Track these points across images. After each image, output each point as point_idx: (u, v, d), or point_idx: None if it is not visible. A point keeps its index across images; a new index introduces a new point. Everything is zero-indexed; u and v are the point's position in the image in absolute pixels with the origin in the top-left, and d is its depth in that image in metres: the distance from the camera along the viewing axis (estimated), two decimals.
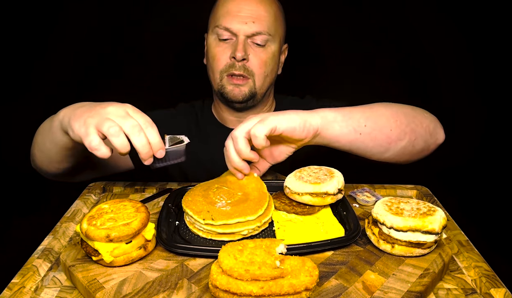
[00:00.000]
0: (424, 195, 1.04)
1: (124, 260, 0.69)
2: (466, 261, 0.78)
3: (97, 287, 0.65)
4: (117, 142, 0.76)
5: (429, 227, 0.69)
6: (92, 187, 1.08)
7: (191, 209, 0.79)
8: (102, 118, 0.76)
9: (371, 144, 0.93)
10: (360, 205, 0.95)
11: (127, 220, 0.70)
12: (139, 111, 0.81)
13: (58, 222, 0.91)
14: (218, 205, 0.80)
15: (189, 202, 0.82)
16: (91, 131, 0.76)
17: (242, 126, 0.83)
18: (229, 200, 0.81)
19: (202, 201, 0.81)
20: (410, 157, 1.00)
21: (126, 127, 0.76)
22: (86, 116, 0.78)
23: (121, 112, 0.79)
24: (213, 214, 0.77)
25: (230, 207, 0.79)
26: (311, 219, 0.83)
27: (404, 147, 0.96)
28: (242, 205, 0.80)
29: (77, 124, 0.78)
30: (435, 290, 0.70)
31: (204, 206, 0.79)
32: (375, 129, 0.92)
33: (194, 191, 0.86)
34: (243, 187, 0.87)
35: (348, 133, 0.90)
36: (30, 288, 0.70)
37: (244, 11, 1.11)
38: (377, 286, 0.65)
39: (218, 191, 0.84)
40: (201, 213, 0.77)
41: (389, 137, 0.93)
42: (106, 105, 0.80)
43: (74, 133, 0.79)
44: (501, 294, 0.69)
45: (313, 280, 0.60)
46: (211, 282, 0.61)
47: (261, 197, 0.83)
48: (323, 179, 0.84)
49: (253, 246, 0.65)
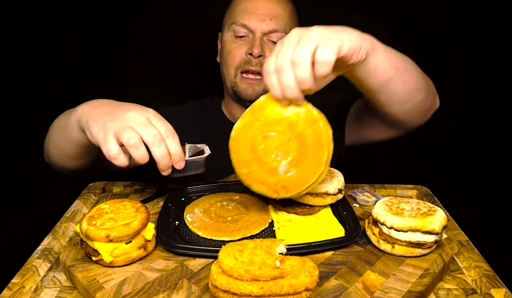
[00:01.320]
0: (424, 195, 1.04)
1: (124, 260, 0.69)
2: (467, 261, 0.78)
3: (97, 287, 0.65)
4: (136, 154, 0.72)
5: (429, 227, 0.69)
6: (92, 187, 1.08)
7: (259, 188, 0.72)
8: (122, 125, 0.72)
9: (400, 88, 0.86)
10: (360, 205, 0.95)
11: (127, 220, 0.70)
12: (161, 118, 0.76)
13: (58, 222, 0.91)
14: (280, 170, 0.69)
15: (248, 176, 0.72)
16: (110, 138, 0.72)
17: (303, 47, 0.65)
18: (287, 156, 0.69)
19: (260, 170, 0.71)
20: (418, 115, 0.97)
21: (147, 137, 0.72)
22: (105, 120, 0.74)
23: (142, 119, 0.74)
24: (285, 185, 0.69)
25: (294, 169, 0.68)
26: (311, 219, 0.83)
27: (420, 101, 0.92)
28: (305, 160, 0.69)
29: (96, 127, 0.74)
30: (435, 290, 0.70)
31: (268, 178, 0.70)
32: (406, 71, 0.86)
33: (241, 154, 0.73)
34: (290, 121, 0.70)
35: (387, 67, 0.81)
36: (30, 288, 0.70)
37: (261, 9, 1.13)
38: (377, 286, 0.65)
39: (267, 144, 0.71)
40: (270, 188, 0.70)
41: (414, 85, 0.88)
42: (127, 108, 0.76)
43: (92, 136, 0.76)
44: (502, 294, 0.69)
45: (313, 280, 0.60)
46: (211, 282, 0.61)
47: (318, 134, 0.68)
48: (323, 179, 0.84)
49: (253, 246, 0.65)
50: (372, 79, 0.82)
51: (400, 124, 1.00)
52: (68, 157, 0.95)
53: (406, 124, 1.00)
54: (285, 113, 0.70)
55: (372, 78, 0.82)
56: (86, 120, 0.78)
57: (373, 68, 0.79)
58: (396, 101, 0.90)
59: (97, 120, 0.75)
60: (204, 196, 0.92)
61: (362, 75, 0.81)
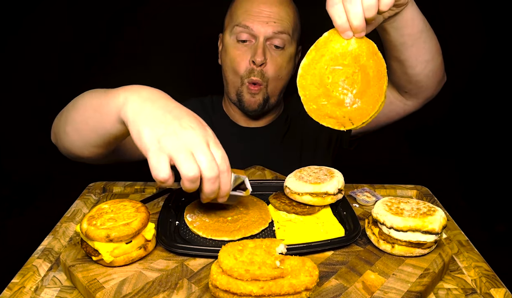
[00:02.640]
0: (424, 195, 1.04)
1: (124, 260, 0.69)
2: (466, 261, 0.78)
3: (97, 287, 0.65)
4: (189, 187, 0.66)
5: (429, 227, 0.69)
6: (92, 187, 1.08)
7: (327, 122, 0.74)
8: (180, 149, 0.64)
9: (427, 44, 0.94)
10: (360, 205, 0.95)
11: (127, 220, 0.70)
12: (219, 144, 0.69)
13: (58, 222, 0.91)
14: (347, 102, 0.72)
15: (317, 111, 0.74)
16: (163, 159, 0.63)
17: None
18: (353, 88, 0.72)
19: (329, 105, 0.74)
20: (434, 82, 1.04)
21: (205, 170, 0.65)
22: (161, 132, 0.65)
23: (203, 142, 0.66)
24: (351, 117, 0.72)
25: (360, 99, 0.72)
26: (311, 219, 0.83)
27: (439, 64, 1.00)
28: (368, 90, 0.72)
29: (148, 137, 0.65)
30: (435, 290, 0.70)
31: (336, 112, 0.73)
32: (431, 29, 0.95)
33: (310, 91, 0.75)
34: (354, 55, 0.73)
35: (421, 19, 0.90)
36: (30, 288, 0.70)
37: (264, 12, 1.11)
38: (377, 286, 0.65)
39: (334, 78, 0.73)
40: (338, 121, 0.73)
41: (436, 45, 0.97)
42: (186, 124, 0.67)
43: (140, 142, 0.66)
44: (501, 294, 0.69)
45: (313, 280, 0.60)
46: (211, 282, 0.61)
47: (378, 65, 0.72)
48: (323, 179, 0.84)
49: (253, 246, 0.65)
50: (407, 30, 0.89)
51: (419, 90, 1.05)
52: (90, 143, 0.84)
53: (424, 91, 1.06)
54: (350, 47, 0.74)
55: (408, 29, 0.89)
56: (134, 115, 0.68)
57: (411, 18, 0.87)
58: (422, 59, 0.96)
59: (151, 126, 0.66)
60: None
61: (400, 24, 0.88)
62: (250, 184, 0.78)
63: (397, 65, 1.00)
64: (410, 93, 1.07)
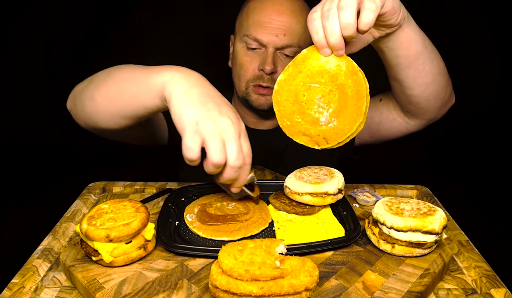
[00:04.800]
0: (424, 195, 1.04)
1: (124, 260, 0.69)
2: (467, 261, 0.78)
3: (97, 287, 0.65)
4: (211, 170, 0.69)
5: (429, 227, 0.69)
6: (92, 187, 1.08)
7: (301, 140, 0.74)
8: (215, 134, 0.68)
9: (427, 66, 0.89)
10: (360, 205, 0.95)
11: (127, 220, 0.70)
12: (247, 139, 0.73)
13: (58, 222, 0.91)
14: (322, 121, 0.71)
15: (290, 128, 0.74)
16: (196, 140, 0.67)
17: None
18: (329, 107, 0.71)
19: (303, 122, 0.73)
20: (437, 105, 0.99)
21: (231, 159, 0.69)
22: (200, 115, 0.68)
23: (235, 134, 0.70)
24: (326, 136, 0.71)
25: (336, 119, 0.71)
26: (311, 219, 0.83)
27: (441, 87, 0.95)
28: (345, 110, 0.71)
29: (188, 118, 0.68)
30: (435, 290, 0.70)
31: (310, 130, 0.72)
32: (433, 51, 0.90)
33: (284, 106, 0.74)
34: (332, 73, 0.72)
35: (419, 41, 0.85)
36: (30, 288, 0.70)
37: (275, 23, 1.08)
38: (377, 286, 0.65)
39: (310, 96, 0.73)
40: (312, 139, 0.72)
41: (438, 68, 0.92)
42: (224, 111, 0.70)
43: (179, 121, 0.69)
44: (501, 294, 0.69)
45: (313, 280, 0.60)
46: (211, 282, 0.61)
47: (357, 85, 0.71)
48: (323, 179, 0.84)
49: (253, 246, 0.65)
50: (403, 51, 0.85)
51: (420, 111, 1.01)
52: (118, 114, 0.83)
53: (425, 113, 1.01)
54: (327, 65, 0.73)
55: (404, 50, 0.85)
56: (178, 97, 0.71)
57: (406, 39, 0.82)
58: (421, 81, 0.92)
59: (193, 109, 0.69)
60: (204, 196, 0.92)
61: (395, 45, 0.84)
62: None
63: (395, 84, 0.97)
64: (411, 113, 1.03)
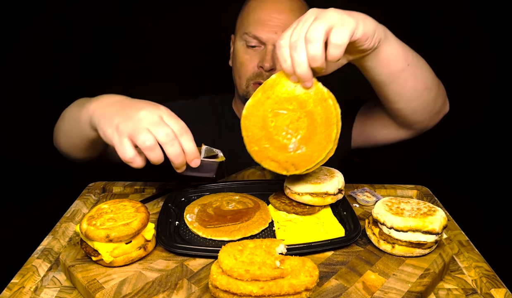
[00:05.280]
0: (425, 195, 1.04)
1: (123, 260, 0.69)
2: (467, 261, 0.78)
3: (96, 287, 0.65)
4: (152, 156, 0.72)
5: (430, 227, 0.69)
6: (92, 187, 1.08)
7: (268, 165, 0.73)
8: (136, 127, 0.71)
9: (410, 83, 0.86)
10: (360, 205, 0.95)
11: (126, 220, 0.70)
12: (174, 116, 0.76)
13: (58, 222, 0.91)
14: (290, 147, 0.71)
15: (258, 153, 0.74)
16: (125, 142, 0.71)
17: (317, 25, 0.66)
18: (297, 134, 0.71)
19: (271, 148, 0.73)
20: (427, 116, 0.97)
21: (160, 136, 0.72)
22: (117, 121, 0.73)
23: (155, 117, 0.73)
24: (294, 162, 0.70)
25: (304, 146, 0.70)
26: (311, 219, 0.83)
27: (429, 100, 0.92)
28: (314, 137, 0.71)
29: (109, 129, 0.74)
30: (435, 290, 0.70)
31: (278, 156, 0.72)
32: (417, 68, 0.86)
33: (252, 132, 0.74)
34: (300, 100, 0.72)
35: (399, 59, 0.81)
36: (29, 288, 0.70)
37: (274, 20, 1.09)
38: (378, 286, 0.65)
39: (278, 122, 0.72)
40: (280, 165, 0.71)
41: (424, 83, 0.88)
42: (139, 107, 0.75)
43: (106, 137, 0.75)
44: (502, 294, 0.69)
45: (313, 280, 0.60)
46: (211, 282, 0.61)
47: (327, 113, 0.70)
48: (323, 179, 0.84)
49: (253, 246, 0.65)
50: (383, 69, 0.82)
51: (408, 123, 1.00)
52: (78, 148, 0.96)
53: (414, 124, 1.00)
54: (296, 91, 0.72)
55: (383, 68, 0.82)
56: (98, 120, 0.77)
57: (385, 58, 0.80)
58: (405, 97, 0.89)
59: (110, 121, 0.74)
60: (204, 196, 0.92)
61: (373, 64, 0.81)
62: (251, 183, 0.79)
63: (380, 98, 0.95)
64: (400, 124, 1.02)
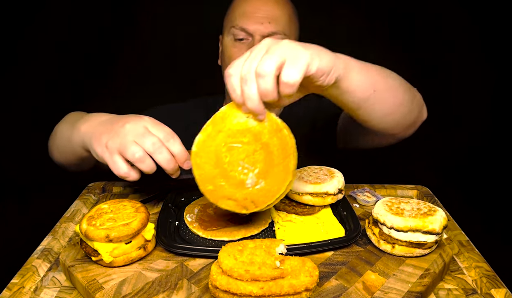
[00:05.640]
0: (425, 195, 1.04)
1: (123, 260, 0.69)
2: (467, 262, 0.78)
3: (96, 288, 0.65)
4: (144, 167, 0.75)
5: (430, 227, 0.69)
6: (92, 187, 1.08)
7: (226, 205, 0.68)
8: (123, 142, 0.74)
9: (379, 106, 0.84)
10: (361, 205, 0.95)
11: (126, 220, 0.70)
12: (158, 123, 0.78)
13: (58, 222, 0.91)
14: (248, 183, 0.66)
15: (214, 193, 0.68)
16: (116, 159, 0.75)
17: (268, 60, 0.63)
18: (254, 168, 0.67)
19: (227, 186, 0.67)
20: (402, 129, 0.96)
21: (147, 146, 0.74)
22: (105, 139, 0.77)
23: (140, 129, 0.76)
24: (253, 199, 0.66)
25: (263, 180, 0.66)
26: (311, 219, 0.83)
27: (401, 116, 0.91)
28: (272, 170, 0.67)
29: (99, 149, 0.78)
30: (435, 291, 0.70)
31: (236, 194, 0.67)
32: (386, 90, 0.83)
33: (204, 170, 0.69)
34: (254, 132, 0.68)
35: (365, 87, 0.79)
36: (29, 289, 0.70)
37: (260, 12, 1.12)
38: (378, 286, 0.65)
39: (232, 157, 0.68)
40: (238, 204, 0.67)
41: (395, 102, 0.86)
42: (123, 122, 0.77)
43: (98, 156, 0.79)
44: (502, 294, 0.69)
45: (313, 280, 0.60)
46: (211, 282, 0.61)
47: (283, 143, 0.67)
48: (323, 179, 0.84)
49: (253, 246, 0.65)
50: (348, 98, 0.80)
51: (384, 134, 0.99)
52: (71, 163, 1.01)
53: (390, 135, 0.99)
54: (249, 123, 0.68)
55: (349, 97, 0.79)
56: (89, 141, 0.82)
57: (347, 90, 0.77)
58: (375, 117, 0.88)
59: (99, 140, 0.78)
60: (204, 196, 0.92)
61: (334, 95, 0.78)
62: None
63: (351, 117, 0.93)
64: (378, 134, 1.01)
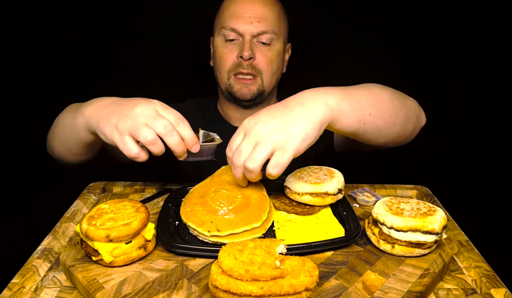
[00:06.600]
0: (424, 195, 1.04)
1: (124, 260, 0.69)
2: (467, 261, 0.78)
3: (97, 287, 0.65)
4: (155, 149, 0.76)
5: (429, 227, 0.69)
6: (92, 187, 1.08)
7: (193, 222, 0.75)
8: (135, 124, 0.74)
9: (371, 131, 0.88)
10: (360, 205, 0.95)
11: (127, 220, 0.70)
12: (168, 107, 0.79)
13: (58, 222, 0.91)
14: (220, 213, 0.76)
15: (188, 213, 0.78)
16: (127, 140, 0.75)
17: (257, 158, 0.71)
18: (230, 205, 0.77)
19: (202, 210, 0.77)
20: (400, 141, 0.99)
21: (159, 129, 0.75)
22: (115, 120, 0.76)
23: (151, 112, 0.76)
24: (218, 224, 0.74)
25: (233, 214, 0.76)
26: (311, 219, 0.83)
27: (397, 132, 0.93)
28: (245, 211, 0.77)
29: (108, 129, 0.77)
30: (435, 290, 0.70)
31: (205, 216, 0.76)
32: (377, 116, 0.87)
33: (190, 200, 0.82)
34: (241, 188, 0.83)
35: (354, 124, 0.83)
36: (30, 288, 0.70)
37: (249, 12, 1.14)
38: (377, 286, 0.65)
39: (216, 196, 0.80)
40: (205, 225, 0.74)
41: (387, 123, 0.89)
42: (133, 104, 0.77)
43: (106, 138, 0.78)
44: (501, 294, 0.69)
45: (313, 280, 0.60)
46: (211, 282, 0.61)
47: (262, 200, 0.81)
48: (323, 179, 0.84)
49: (253, 246, 0.65)
50: (342, 132, 0.84)
51: (384, 147, 1.01)
52: (73, 152, 0.98)
53: (390, 146, 1.01)
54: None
55: (342, 131, 0.84)
56: (96, 123, 0.80)
57: (338, 130, 0.82)
58: (369, 138, 0.90)
59: (108, 121, 0.77)
60: None
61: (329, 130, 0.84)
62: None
63: None
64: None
